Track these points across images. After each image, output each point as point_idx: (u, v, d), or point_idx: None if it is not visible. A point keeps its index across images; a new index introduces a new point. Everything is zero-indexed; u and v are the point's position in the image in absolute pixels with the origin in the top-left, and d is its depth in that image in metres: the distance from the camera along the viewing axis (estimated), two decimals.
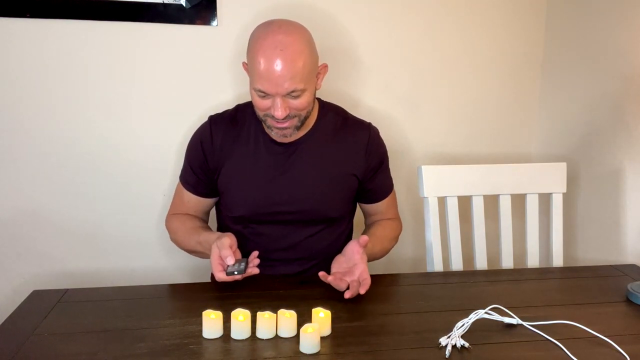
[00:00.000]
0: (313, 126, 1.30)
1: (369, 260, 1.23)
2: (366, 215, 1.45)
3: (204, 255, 1.26)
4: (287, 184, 1.28)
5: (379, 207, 1.40)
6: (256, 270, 1.14)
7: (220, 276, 1.11)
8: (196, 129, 1.34)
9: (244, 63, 1.24)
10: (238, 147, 1.29)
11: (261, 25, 1.19)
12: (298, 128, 1.23)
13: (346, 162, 1.31)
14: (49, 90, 1.55)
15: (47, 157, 1.59)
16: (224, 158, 1.29)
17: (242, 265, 1.11)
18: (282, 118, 1.16)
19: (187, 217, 1.35)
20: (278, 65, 1.11)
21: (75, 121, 1.58)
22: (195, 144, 1.32)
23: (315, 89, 1.24)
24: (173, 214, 1.38)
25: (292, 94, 1.15)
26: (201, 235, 1.26)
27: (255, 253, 1.16)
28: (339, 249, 1.40)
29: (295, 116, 1.19)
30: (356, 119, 1.37)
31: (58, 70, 1.55)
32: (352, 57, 1.70)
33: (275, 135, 1.24)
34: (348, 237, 1.43)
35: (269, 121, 1.20)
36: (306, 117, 1.23)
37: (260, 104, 1.18)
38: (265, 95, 1.16)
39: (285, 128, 1.20)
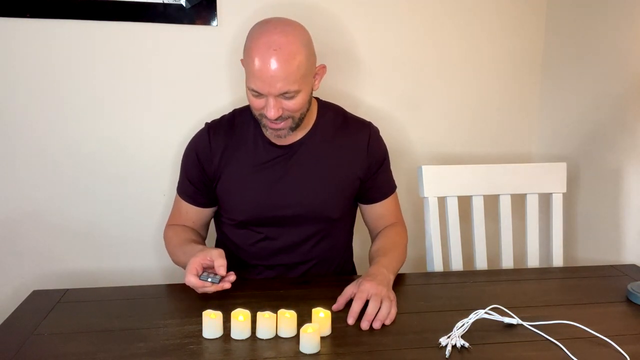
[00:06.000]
0: (313, 126, 1.30)
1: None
2: (368, 221, 1.40)
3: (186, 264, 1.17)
4: (289, 186, 1.28)
5: (380, 210, 1.37)
6: (227, 285, 1.10)
7: (191, 279, 1.07)
8: (196, 130, 1.33)
9: (242, 60, 1.23)
10: (238, 152, 1.28)
11: (258, 23, 1.18)
12: (293, 129, 1.21)
13: (347, 162, 1.31)
14: (48, 91, 1.55)
15: (47, 157, 1.59)
16: (224, 164, 1.28)
17: (217, 277, 1.09)
18: (275, 119, 1.15)
19: (182, 228, 1.33)
20: (272, 65, 1.10)
21: (75, 121, 1.58)
22: (190, 155, 1.30)
23: (312, 90, 1.23)
24: (170, 225, 1.35)
25: (285, 95, 1.14)
26: (188, 245, 1.22)
27: (232, 274, 1.12)
28: (339, 250, 1.40)
29: (289, 117, 1.18)
30: (356, 118, 1.37)
31: (58, 71, 1.55)
32: (352, 57, 1.70)
33: (270, 135, 1.23)
34: (349, 239, 1.42)
35: (264, 120, 1.20)
36: (301, 119, 1.21)
37: (255, 103, 1.17)
38: (259, 94, 1.15)
39: (280, 129, 1.19)
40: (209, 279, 1.08)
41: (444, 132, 1.81)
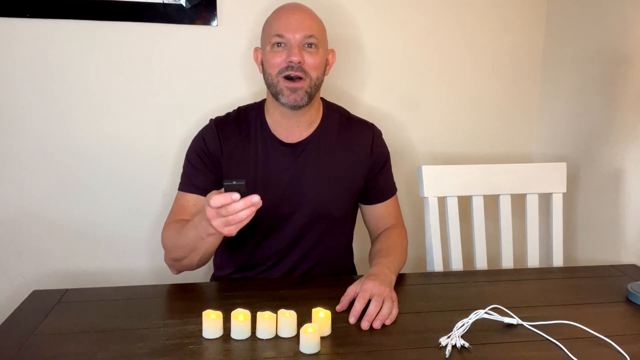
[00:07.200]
0: (319, 125, 1.31)
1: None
2: (368, 221, 1.41)
3: (198, 240, 1.10)
4: (293, 184, 1.28)
5: (380, 211, 1.38)
6: (257, 199, 0.96)
7: (215, 196, 0.94)
8: (197, 130, 1.33)
9: (255, 49, 1.29)
10: (245, 148, 1.28)
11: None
12: (308, 95, 1.22)
13: (351, 162, 1.32)
14: (48, 91, 1.55)
15: (47, 157, 1.59)
16: (231, 159, 1.27)
17: (242, 182, 0.94)
18: (298, 62, 1.19)
19: (181, 219, 1.23)
20: (297, 12, 1.23)
21: (75, 121, 1.58)
22: (199, 143, 1.29)
23: (325, 67, 1.28)
24: (168, 223, 1.26)
25: (307, 42, 1.20)
26: (194, 220, 1.12)
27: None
28: (340, 251, 1.40)
29: (307, 77, 1.21)
30: (360, 119, 1.38)
31: (58, 71, 1.55)
32: (352, 57, 1.70)
33: (285, 100, 1.21)
34: (350, 240, 1.43)
35: (282, 83, 1.21)
36: (316, 87, 1.24)
37: (275, 59, 1.21)
38: (282, 44, 1.20)
39: (298, 88, 1.20)
40: (234, 182, 0.92)
41: (444, 132, 1.81)
